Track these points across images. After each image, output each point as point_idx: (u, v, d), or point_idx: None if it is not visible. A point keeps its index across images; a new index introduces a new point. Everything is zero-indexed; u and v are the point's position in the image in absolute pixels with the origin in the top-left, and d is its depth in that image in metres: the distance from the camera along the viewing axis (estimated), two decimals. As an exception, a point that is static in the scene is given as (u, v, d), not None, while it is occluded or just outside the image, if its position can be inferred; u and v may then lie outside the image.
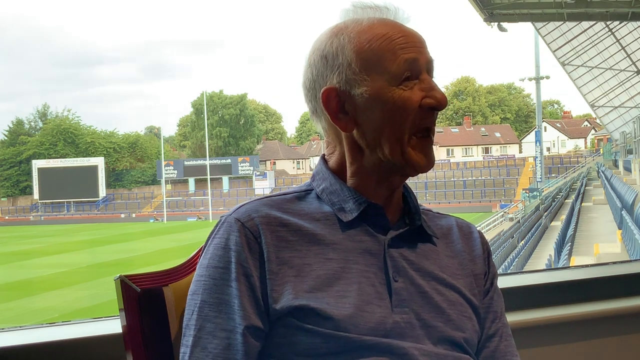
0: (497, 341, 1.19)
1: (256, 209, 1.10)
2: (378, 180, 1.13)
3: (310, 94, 1.15)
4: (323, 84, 1.12)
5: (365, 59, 1.09)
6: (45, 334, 1.54)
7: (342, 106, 1.11)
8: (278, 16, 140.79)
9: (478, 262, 1.21)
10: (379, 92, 1.08)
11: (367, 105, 1.09)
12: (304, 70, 1.16)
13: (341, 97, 1.11)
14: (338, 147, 1.16)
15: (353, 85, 1.10)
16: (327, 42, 1.12)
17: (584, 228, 18.92)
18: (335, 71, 1.11)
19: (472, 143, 70.10)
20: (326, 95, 1.11)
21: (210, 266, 1.08)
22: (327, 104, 1.12)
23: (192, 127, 75.13)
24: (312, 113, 1.17)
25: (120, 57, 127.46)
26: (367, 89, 1.09)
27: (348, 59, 1.10)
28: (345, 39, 1.11)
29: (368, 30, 1.10)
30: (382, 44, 1.09)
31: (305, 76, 1.15)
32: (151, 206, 63.67)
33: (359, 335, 1.03)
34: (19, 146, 69.32)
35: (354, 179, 1.14)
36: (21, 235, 45.49)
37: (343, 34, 1.11)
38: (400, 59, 1.08)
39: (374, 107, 1.09)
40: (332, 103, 1.11)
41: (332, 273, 1.07)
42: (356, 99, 1.10)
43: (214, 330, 1.04)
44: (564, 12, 17.43)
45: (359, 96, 1.10)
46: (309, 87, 1.15)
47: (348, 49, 1.10)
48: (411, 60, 1.09)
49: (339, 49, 1.10)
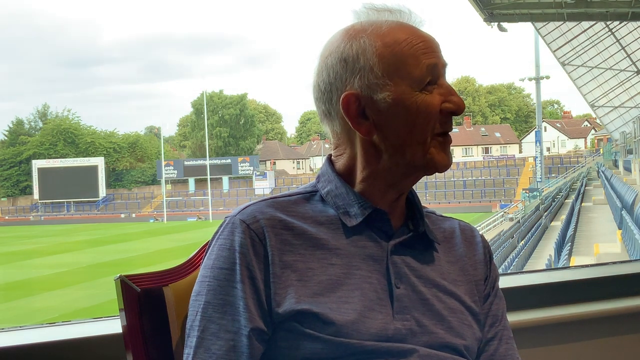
0: (496, 344, 1.19)
1: (261, 211, 1.10)
2: (389, 184, 1.12)
3: (325, 96, 1.12)
4: (342, 87, 1.10)
5: (388, 63, 1.08)
6: (45, 334, 1.54)
7: (362, 111, 1.09)
8: (278, 16, 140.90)
9: (479, 268, 1.21)
10: (402, 96, 1.07)
11: (390, 110, 1.08)
12: (318, 72, 1.13)
13: (362, 101, 1.09)
14: (348, 150, 1.14)
15: (375, 90, 1.08)
16: (346, 45, 1.10)
17: (584, 228, 18.93)
18: (356, 75, 1.08)
19: (472, 143, 70.10)
20: (346, 100, 1.09)
21: (215, 267, 1.07)
22: (347, 109, 1.09)
23: (192, 127, 75.15)
24: (324, 115, 1.14)
25: (120, 57, 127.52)
26: (389, 94, 1.07)
27: (370, 63, 1.08)
28: (366, 42, 1.08)
29: (388, 34, 1.09)
30: (404, 48, 1.08)
31: (320, 78, 1.12)
32: (151, 206, 63.66)
33: (360, 341, 1.03)
34: (19, 146, 69.32)
35: (363, 184, 1.13)
36: (21, 235, 45.47)
37: (363, 37, 1.09)
38: (422, 64, 1.08)
39: (397, 112, 1.08)
40: (352, 108, 1.09)
41: (334, 278, 1.06)
42: (379, 104, 1.08)
43: (218, 331, 1.04)
44: (564, 12, 17.44)
45: (381, 101, 1.08)
46: (323, 89, 1.12)
47: (370, 53, 1.08)
48: (432, 65, 1.08)
49: (360, 52, 1.08)
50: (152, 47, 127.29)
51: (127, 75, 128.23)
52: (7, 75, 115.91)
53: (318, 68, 1.13)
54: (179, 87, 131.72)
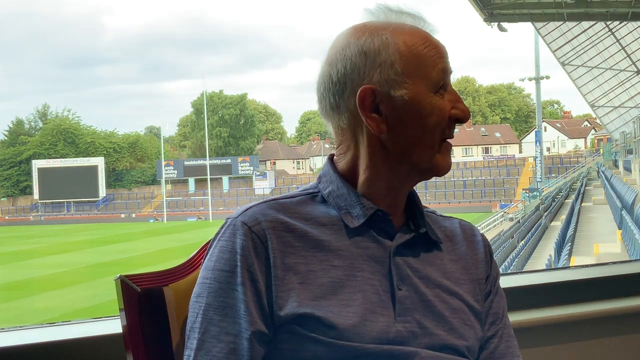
0: (496, 342, 1.19)
1: (263, 213, 1.09)
2: (391, 185, 1.12)
3: (337, 88, 1.11)
4: (359, 80, 1.09)
5: (408, 61, 1.08)
6: (45, 334, 1.54)
7: (376, 106, 1.09)
8: (278, 16, 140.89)
9: (480, 267, 1.21)
10: (419, 96, 1.08)
11: (405, 108, 1.08)
12: (331, 63, 1.11)
13: (377, 97, 1.08)
14: (352, 148, 1.13)
15: (393, 86, 1.08)
16: (367, 38, 1.09)
17: (584, 228, 18.93)
18: (376, 69, 1.08)
19: (472, 143, 70.07)
20: (363, 94, 1.08)
21: (216, 269, 1.06)
22: (362, 103, 1.09)
23: (192, 127, 75.15)
24: (331, 109, 1.12)
25: (120, 57, 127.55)
26: (407, 92, 1.08)
27: (391, 59, 1.08)
28: (388, 38, 1.09)
29: (410, 33, 1.10)
30: (424, 50, 1.09)
31: (334, 69, 1.10)
32: (151, 206, 63.66)
33: (362, 344, 1.03)
34: (19, 146, 69.30)
35: (365, 185, 1.12)
36: (21, 235, 45.47)
37: (385, 33, 1.09)
38: (438, 67, 1.09)
39: (412, 110, 1.08)
40: (367, 102, 1.09)
41: (336, 281, 1.06)
42: (395, 101, 1.08)
43: (218, 334, 1.04)
44: (564, 12, 17.44)
45: (398, 98, 1.08)
46: (336, 81, 1.10)
47: (392, 49, 1.08)
48: (445, 70, 1.10)
49: (382, 47, 1.08)
50: (152, 47, 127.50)
51: (127, 75, 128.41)
52: (7, 75, 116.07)
53: (331, 59, 1.12)
54: (179, 87, 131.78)
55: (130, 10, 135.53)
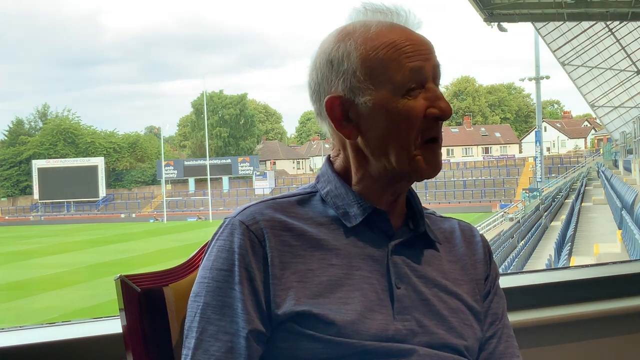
0: (495, 342, 1.19)
1: (261, 212, 1.10)
2: (384, 187, 1.12)
3: (315, 96, 1.14)
4: (328, 89, 1.11)
5: (370, 68, 1.08)
6: (45, 334, 1.53)
7: (346, 114, 1.10)
8: (278, 16, 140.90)
9: (479, 267, 1.21)
10: (383, 101, 1.07)
11: (370, 114, 1.08)
12: (310, 71, 1.14)
13: (345, 105, 1.10)
14: (342, 151, 1.15)
15: (357, 94, 1.08)
16: (334, 47, 1.10)
17: (584, 228, 18.93)
18: (340, 77, 1.09)
19: (472, 143, 70.09)
20: (330, 103, 1.10)
21: (214, 268, 1.07)
22: (330, 112, 1.11)
23: (192, 127, 75.15)
24: (317, 114, 1.16)
25: (120, 57, 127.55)
26: (370, 98, 1.08)
27: (353, 67, 1.08)
28: (351, 45, 1.09)
29: (375, 37, 1.08)
30: (388, 52, 1.07)
31: (311, 77, 1.14)
32: (151, 206, 63.66)
33: (360, 341, 1.03)
34: (19, 146, 69.30)
35: (360, 185, 1.13)
36: (21, 235, 45.48)
37: (350, 40, 1.09)
38: (405, 68, 1.07)
39: (377, 116, 1.08)
40: (336, 110, 1.10)
41: (335, 279, 1.06)
42: (360, 108, 1.09)
43: (216, 333, 1.04)
44: (564, 12, 17.43)
45: (362, 105, 1.08)
46: (314, 89, 1.14)
47: (354, 56, 1.08)
48: (416, 69, 1.07)
49: (345, 55, 1.09)
50: (152, 47, 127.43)
51: (127, 75, 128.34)
52: (7, 75, 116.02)
53: (310, 67, 1.14)
54: (179, 87, 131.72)
55: (131, 10, 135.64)
